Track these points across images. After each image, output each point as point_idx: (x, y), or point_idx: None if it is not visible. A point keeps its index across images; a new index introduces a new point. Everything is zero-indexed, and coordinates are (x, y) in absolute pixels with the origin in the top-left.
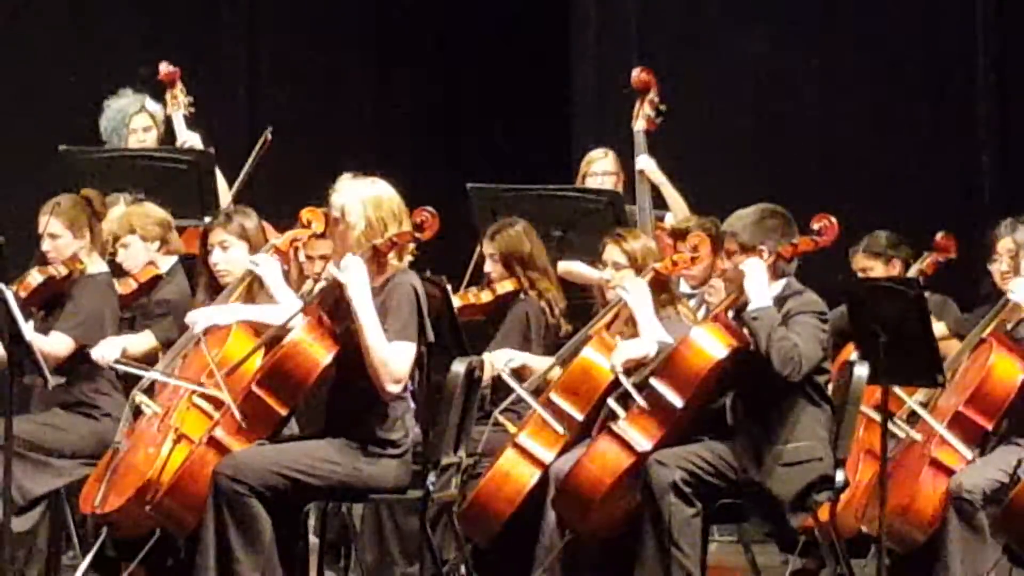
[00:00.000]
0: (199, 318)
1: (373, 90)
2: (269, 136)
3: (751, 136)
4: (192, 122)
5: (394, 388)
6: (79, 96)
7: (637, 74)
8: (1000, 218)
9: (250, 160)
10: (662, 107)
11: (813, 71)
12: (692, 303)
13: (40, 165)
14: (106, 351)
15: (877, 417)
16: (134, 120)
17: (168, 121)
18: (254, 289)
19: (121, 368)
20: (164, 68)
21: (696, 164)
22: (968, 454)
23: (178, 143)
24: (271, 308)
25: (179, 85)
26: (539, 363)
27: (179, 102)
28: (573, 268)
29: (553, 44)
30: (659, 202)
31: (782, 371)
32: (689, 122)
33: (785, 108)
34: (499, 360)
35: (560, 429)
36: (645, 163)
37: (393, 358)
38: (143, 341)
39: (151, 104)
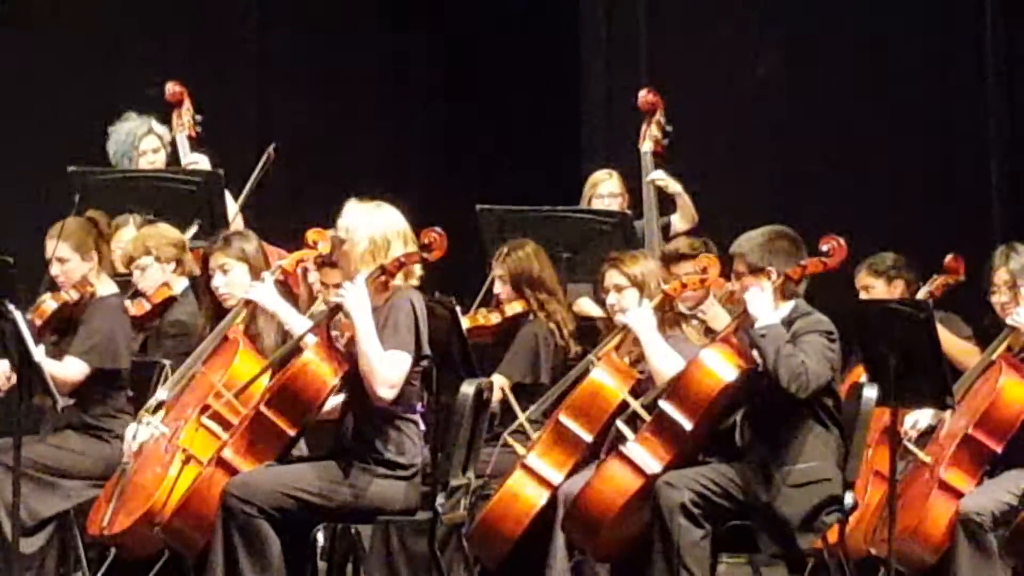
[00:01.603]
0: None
1: (383, 109)
2: (273, 153)
3: (759, 156)
4: (199, 141)
5: (387, 394)
6: (89, 117)
7: (644, 95)
8: (1012, 239)
9: (253, 176)
10: (669, 128)
11: (821, 91)
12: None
13: (50, 186)
14: None
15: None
16: (143, 142)
17: (173, 142)
18: (256, 313)
19: None
20: (171, 88)
21: (704, 185)
22: None
23: (183, 164)
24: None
25: (186, 104)
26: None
27: (184, 122)
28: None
29: (563, 65)
30: (666, 211)
31: (789, 388)
32: (697, 142)
33: (794, 128)
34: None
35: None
36: (657, 175)
37: (385, 364)
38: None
39: (157, 126)
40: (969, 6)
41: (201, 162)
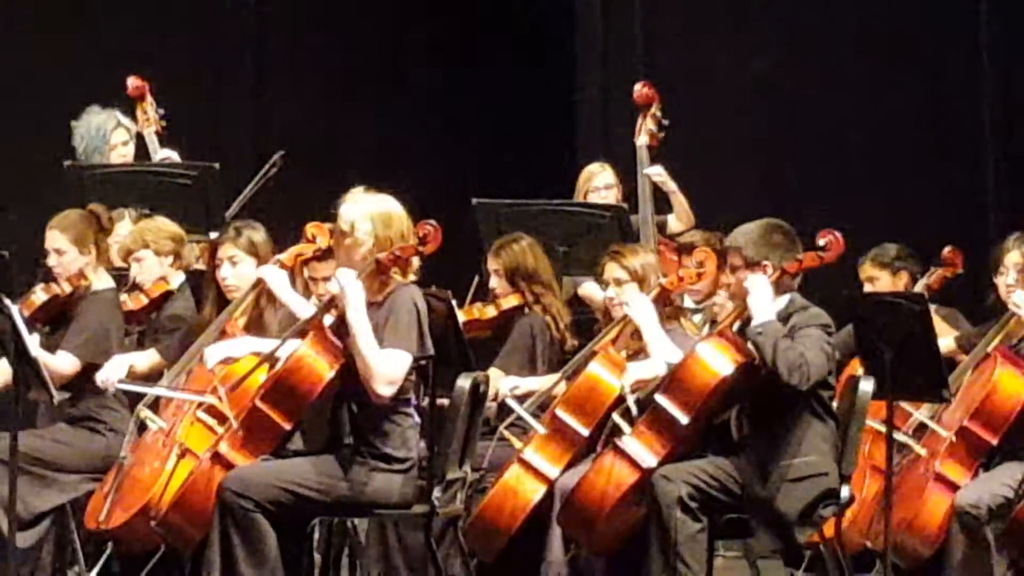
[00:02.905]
0: (213, 354)
1: (379, 103)
2: (279, 161)
3: (756, 150)
4: (164, 137)
5: (386, 391)
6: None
7: (640, 89)
8: (1006, 233)
9: (254, 182)
10: (665, 122)
11: (817, 86)
12: (697, 318)
13: (46, 181)
14: (111, 374)
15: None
16: (113, 136)
17: (140, 137)
18: (261, 303)
19: (126, 388)
20: (132, 83)
21: (701, 178)
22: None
23: (154, 160)
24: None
25: (148, 99)
26: (545, 386)
27: (149, 117)
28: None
29: (559, 60)
30: (662, 210)
31: (789, 380)
32: (693, 136)
33: (790, 123)
34: (504, 386)
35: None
36: (656, 171)
37: (384, 361)
38: (147, 359)
39: (124, 119)
40: (967, 3)
41: (172, 158)
